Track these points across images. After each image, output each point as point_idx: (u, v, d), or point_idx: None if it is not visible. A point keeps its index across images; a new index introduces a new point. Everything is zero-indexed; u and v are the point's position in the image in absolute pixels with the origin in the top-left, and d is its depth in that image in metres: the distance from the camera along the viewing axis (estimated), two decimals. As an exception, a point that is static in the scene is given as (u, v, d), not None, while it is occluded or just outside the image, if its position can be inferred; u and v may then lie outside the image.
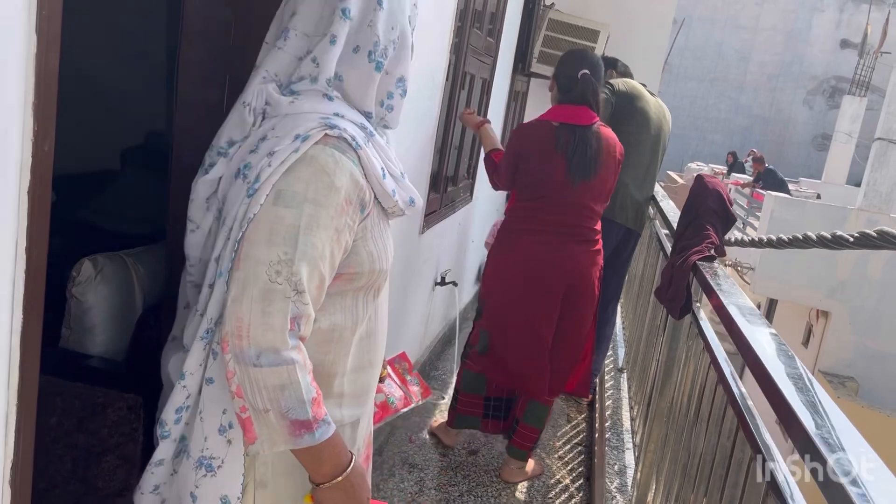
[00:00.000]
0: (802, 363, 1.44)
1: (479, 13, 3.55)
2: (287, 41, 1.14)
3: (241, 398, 1.05)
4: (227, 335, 1.04)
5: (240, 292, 1.04)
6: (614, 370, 3.83)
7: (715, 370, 1.62)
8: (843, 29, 28.13)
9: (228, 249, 1.09)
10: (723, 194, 2.13)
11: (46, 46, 0.88)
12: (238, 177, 1.11)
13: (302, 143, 1.06)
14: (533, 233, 2.73)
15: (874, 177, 9.50)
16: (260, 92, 1.14)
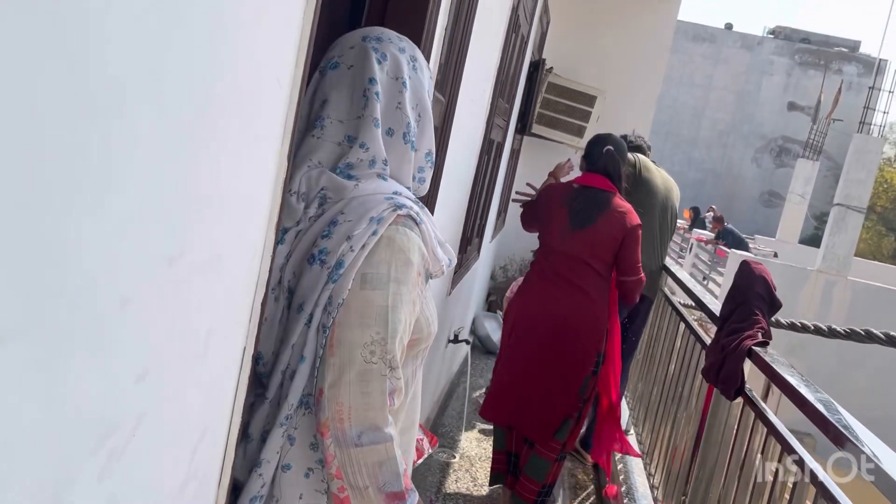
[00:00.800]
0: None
1: (503, 82, 3.68)
2: (324, 130, 1.15)
3: (340, 479, 1.08)
4: (327, 421, 1.06)
5: (337, 377, 1.06)
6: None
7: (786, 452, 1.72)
8: (791, 92, 29.53)
9: (311, 336, 1.09)
10: (768, 280, 2.25)
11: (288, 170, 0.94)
12: (314, 263, 1.10)
13: (378, 226, 1.09)
14: (535, 281, 3.02)
15: (833, 240, 9.93)
16: (310, 178, 1.13)
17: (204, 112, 0.69)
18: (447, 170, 2.30)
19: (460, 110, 2.33)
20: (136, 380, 0.68)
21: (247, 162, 0.83)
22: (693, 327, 2.97)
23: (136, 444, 0.70)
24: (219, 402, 0.92)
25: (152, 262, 0.66)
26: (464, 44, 2.14)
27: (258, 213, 0.89)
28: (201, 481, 0.90)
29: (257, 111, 0.82)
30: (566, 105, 5.57)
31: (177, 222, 0.69)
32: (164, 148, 0.64)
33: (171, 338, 0.74)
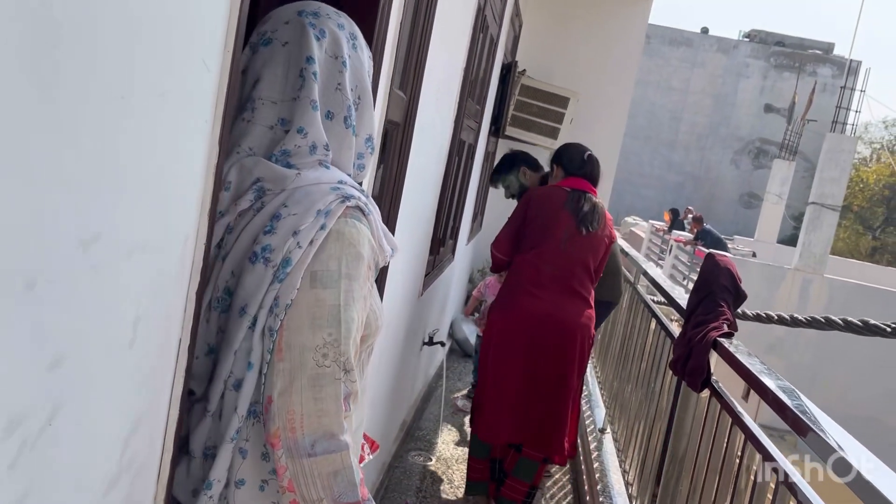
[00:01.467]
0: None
1: (472, 82, 3.68)
2: (255, 112, 1.06)
3: (292, 492, 1.01)
4: (277, 431, 0.99)
5: (287, 384, 0.99)
6: (595, 430, 3.91)
7: (753, 445, 1.72)
8: (767, 94, 29.90)
9: (256, 341, 1.01)
10: (733, 272, 2.26)
11: (220, 156, 0.92)
12: (256, 261, 1.01)
13: (326, 219, 1.02)
14: (528, 289, 2.89)
15: (809, 238, 10.04)
16: (242, 167, 1.04)
17: (119, 92, 0.68)
18: (412, 168, 2.29)
19: (424, 108, 2.32)
20: (49, 367, 0.66)
21: (172, 147, 0.81)
22: (663, 322, 2.98)
23: (53, 433, 0.68)
24: (153, 393, 0.89)
25: (62, 246, 0.64)
26: (424, 40, 2.13)
27: (188, 201, 0.88)
28: (136, 474, 0.88)
29: (182, 94, 0.81)
30: (539, 107, 5.59)
31: (91, 206, 0.67)
32: (73, 129, 0.62)
33: (91, 325, 0.72)
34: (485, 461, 3.02)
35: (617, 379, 3.95)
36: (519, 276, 2.94)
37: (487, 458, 3.03)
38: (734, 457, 1.92)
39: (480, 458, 3.03)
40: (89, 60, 0.62)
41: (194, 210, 0.89)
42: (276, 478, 1.03)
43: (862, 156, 29.85)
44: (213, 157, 0.90)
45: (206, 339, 1.05)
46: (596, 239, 2.95)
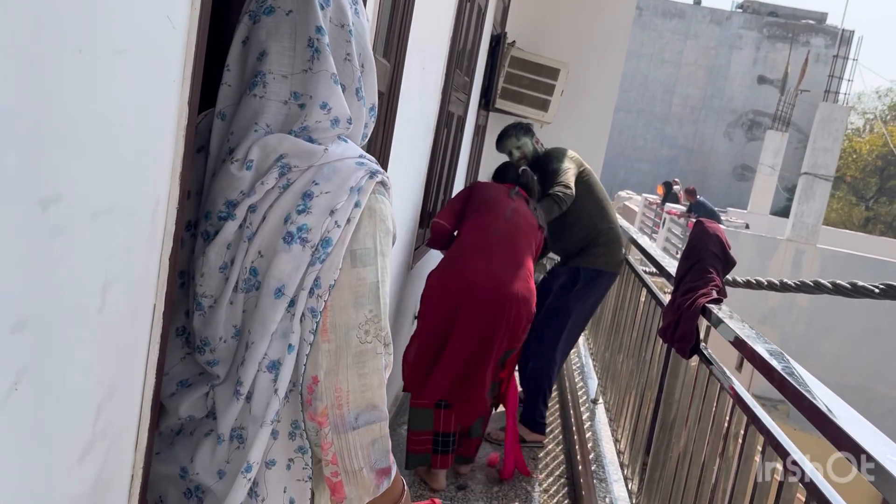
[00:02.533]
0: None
1: (459, 53, 3.64)
2: (267, 87, 1.01)
3: (335, 465, 1.03)
4: (325, 409, 1.01)
5: (333, 363, 1.01)
6: (588, 401, 3.93)
7: (742, 410, 1.72)
8: (760, 66, 29.77)
9: (295, 322, 1.00)
10: (722, 239, 2.25)
11: (190, 116, 0.90)
12: (292, 242, 0.99)
13: (359, 196, 1.02)
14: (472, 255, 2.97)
15: (801, 209, 10.04)
16: (266, 144, 0.99)
17: (76, 46, 0.65)
18: (398, 139, 2.26)
19: (409, 77, 2.29)
20: (11, 330, 0.65)
21: (137, 107, 0.79)
22: (653, 290, 2.98)
23: (19, 398, 0.67)
24: (127, 360, 0.88)
25: (19, 204, 0.62)
26: (408, 6, 2.10)
27: (157, 163, 0.86)
28: (112, 441, 0.87)
29: (146, 51, 0.78)
30: (530, 79, 5.54)
31: (49, 165, 0.65)
32: (27, 80, 0.60)
33: (56, 288, 0.70)
34: (427, 433, 3.02)
35: (609, 350, 3.96)
36: (463, 243, 3.03)
37: (431, 431, 3.02)
38: (723, 423, 1.92)
39: (423, 431, 3.02)
40: (46, 10, 0.60)
41: (165, 173, 0.87)
42: (301, 455, 1.04)
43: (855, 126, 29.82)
44: (184, 119, 0.88)
45: (233, 321, 1.02)
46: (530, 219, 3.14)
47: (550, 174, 3.54)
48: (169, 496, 1.06)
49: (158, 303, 0.92)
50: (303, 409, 1.03)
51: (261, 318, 1.00)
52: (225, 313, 1.02)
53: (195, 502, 1.04)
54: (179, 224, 0.93)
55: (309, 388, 1.02)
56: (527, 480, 3.33)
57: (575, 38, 6.02)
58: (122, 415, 0.89)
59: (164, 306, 0.93)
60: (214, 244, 1.00)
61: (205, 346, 1.03)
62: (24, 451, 0.70)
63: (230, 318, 1.02)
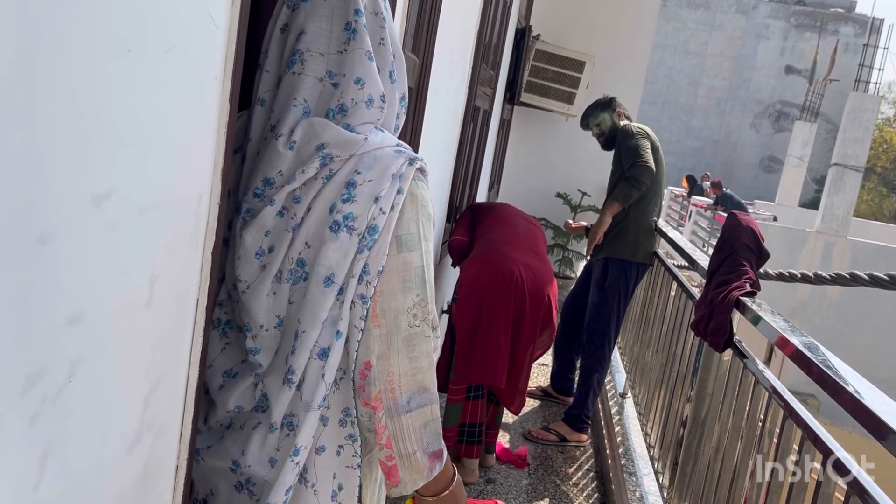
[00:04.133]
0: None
1: (485, 47, 3.63)
2: (305, 64, 1.02)
3: (389, 448, 1.06)
4: (378, 394, 1.03)
5: (385, 348, 1.03)
6: (616, 395, 3.91)
7: (778, 402, 1.70)
8: (788, 56, 29.30)
9: (344, 309, 1.02)
10: (756, 231, 2.23)
11: (231, 113, 0.91)
12: (339, 230, 1.01)
13: (401, 183, 1.04)
14: (504, 245, 2.97)
15: (831, 201, 9.89)
16: (309, 128, 1.01)
17: (126, 46, 0.67)
18: (426, 132, 2.27)
19: (437, 72, 2.30)
20: (67, 323, 0.66)
21: (182, 104, 0.80)
22: (684, 284, 2.95)
23: (74, 389, 0.69)
24: (172, 353, 0.90)
25: (74, 201, 0.64)
26: (436, 2, 2.10)
27: (200, 159, 0.87)
28: (158, 433, 0.88)
29: (191, 50, 0.79)
30: (555, 72, 5.51)
31: (101, 162, 0.67)
32: (79, 81, 0.61)
33: (108, 282, 0.72)
34: (454, 428, 3.02)
35: (637, 344, 3.94)
36: (489, 240, 3.01)
37: (458, 425, 3.02)
38: (757, 418, 1.91)
39: (451, 427, 3.01)
40: (96, 11, 0.61)
41: (207, 168, 0.89)
42: (351, 442, 1.07)
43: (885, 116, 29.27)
44: (225, 115, 0.89)
45: (276, 311, 1.04)
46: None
47: (628, 150, 3.43)
48: (220, 490, 1.08)
49: (201, 297, 0.94)
50: (355, 395, 1.05)
51: (311, 308, 1.02)
52: (266, 302, 1.03)
53: (246, 495, 1.06)
54: (221, 220, 0.94)
55: (361, 373, 1.04)
56: (556, 474, 3.33)
57: (600, 30, 5.99)
58: (167, 407, 0.91)
59: (206, 300, 0.94)
60: (251, 228, 1.02)
61: (247, 331, 1.05)
62: (77, 441, 0.72)
63: (272, 308, 1.04)
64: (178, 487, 0.97)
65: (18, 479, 0.64)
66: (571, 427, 3.63)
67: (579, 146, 5.79)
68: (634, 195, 3.39)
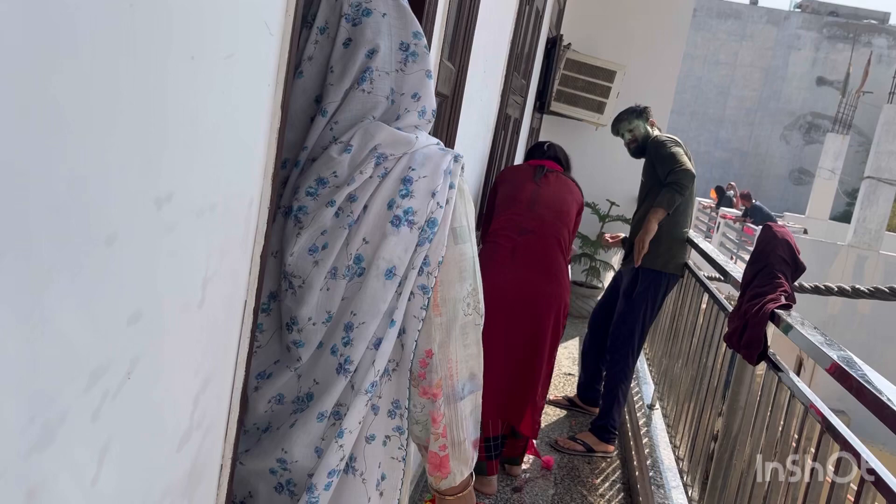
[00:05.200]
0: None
1: (518, 56, 3.64)
2: (374, 83, 1.07)
3: (444, 437, 1.11)
4: (440, 381, 1.09)
5: (445, 336, 1.09)
6: (644, 406, 3.88)
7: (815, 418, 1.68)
8: (820, 67, 28.90)
9: (403, 300, 1.05)
10: (791, 243, 2.21)
11: (282, 120, 0.93)
12: (400, 225, 1.05)
13: (451, 178, 1.10)
14: (505, 257, 2.88)
15: (864, 214, 9.73)
16: (366, 131, 1.05)
17: (189, 53, 0.68)
18: (460, 138, 2.28)
19: (472, 80, 2.31)
20: (128, 321, 0.68)
21: (238, 110, 0.82)
22: (716, 296, 2.93)
23: (132, 386, 0.71)
24: (221, 353, 0.91)
25: (139, 203, 0.66)
26: (473, 10, 2.12)
27: (252, 164, 0.89)
28: (206, 431, 0.90)
29: (247, 57, 0.81)
30: (585, 81, 5.51)
31: (164, 165, 0.69)
32: (148, 88, 0.63)
33: (166, 283, 0.74)
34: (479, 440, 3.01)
35: (666, 356, 3.91)
36: (494, 245, 2.92)
37: (483, 437, 3.00)
38: (791, 433, 1.88)
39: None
40: (164, 20, 0.63)
41: (258, 173, 0.91)
42: (399, 434, 1.11)
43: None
44: (276, 122, 0.91)
45: (327, 306, 1.07)
46: (560, 199, 2.99)
47: (663, 159, 3.42)
48: (259, 491, 1.10)
49: (249, 298, 0.96)
50: (411, 385, 1.09)
51: (370, 300, 1.05)
52: (318, 297, 1.06)
53: (287, 496, 1.07)
54: (270, 224, 0.96)
55: (422, 361, 1.09)
56: (583, 484, 3.31)
57: (631, 39, 5.97)
58: (214, 406, 0.93)
59: (254, 302, 0.96)
60: (309, 228, 1.05)
61: (293, 324, 1.07)
62: (134, 437, 0.74)
63: (324, 304, 1.06)
64: (222, 486, 0.99)
65: (79, 473, 0.66)
66: (598, 437, 3.61)
67: (608, 156, 5.77)
68: (678, 200, 3.36)
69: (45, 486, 0.61)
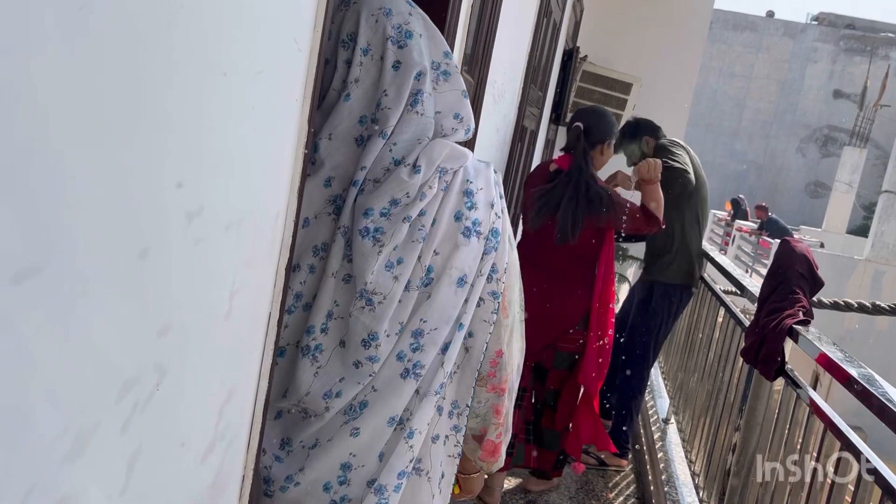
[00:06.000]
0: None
1: (535, 68, 3.65)
2: (424, 104, 1.10)
3: (502, 426, 1.21)
4: (507, 377, 1.19)
5: (510, 336, 1.19)
6: (659, 421, 3.86)
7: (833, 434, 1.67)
8: (836, 80, 28.73)
9: (470, 305, 1.12)
10: (809, 258, 2.20)
11: (309, 135, 0.94)
12: (470, 236, 1.10)
13: (498, 188, 1.17)
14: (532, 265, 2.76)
15: (881, 228, 9.65)
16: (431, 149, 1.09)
17: (222, 69, 0.70)
18: (478, 151, 2.29)
19: (490, 92, 2.32)
20: (158, 333, 0.69)
21: (266, 124, 0.83)
22: (733, 310, 2.91)
23: (160, 398, 0.71)
24: (245, 365, 0.92)
25: (171, 217, 0.67)
26: (492, 24, 2.13)
27: (279, 177, 0.90)
28: (229, 443, 0.91)
29: (277, 73, 0.82)
30: (601, 93, 5.51)
31: (196, 179, 0.70)
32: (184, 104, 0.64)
33: (194, 295, 0.75)
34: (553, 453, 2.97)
35: (682, 370, 3.89)
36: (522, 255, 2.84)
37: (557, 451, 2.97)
38: (811, 450, 1.87)
39: (550, 450, 2.97)
40: (200, 37, 0.64)
41: (285, 187, 0.92)
42: (455, 433, 1.18)
43: (938, 143, 28.48)
44: (303, 136, 0.92)
45: (400, 318, 1.10)
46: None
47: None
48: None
49: (273, 311, 0.96)
50: (478, 384, 1.17)
51: (442, 307, 1.10)
52: (393, 310, 1.09)
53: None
54: (295, 237, 0.97)
55: (492, 361, 1.18)
56: (597, 498, 3.29)
57: (648, 52, 5.96)
58: (238, 417, 0.93)
59: (278, 314, 0.97)
60: (388, 246, 1.07)
61: (371, 340, 1.08)
62: (161, 448, 0.75)
63: (397, 316, 1.10)
64: (243, 498, 0.99)
65: (108, 483, 0.66)
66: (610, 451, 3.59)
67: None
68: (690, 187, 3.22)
69: (76, 496, 0.61)
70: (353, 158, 1.09)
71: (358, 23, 1.09)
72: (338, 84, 1.10)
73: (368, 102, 1.09)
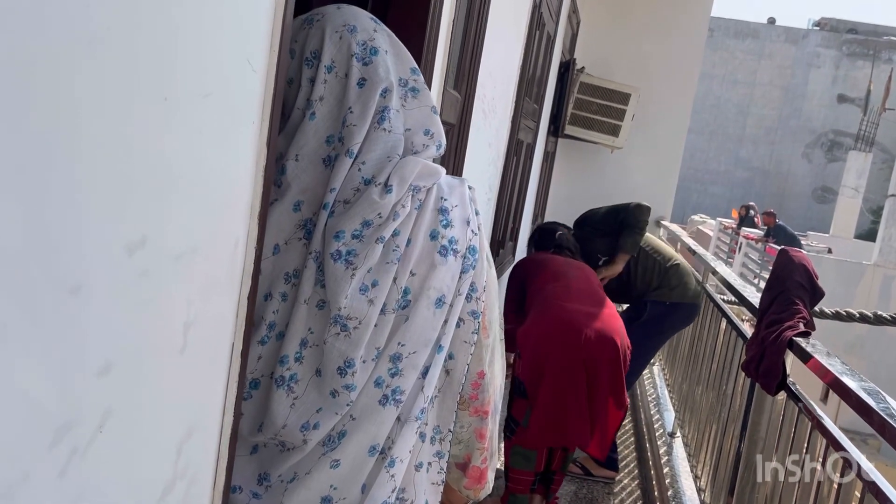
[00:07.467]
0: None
1: (529, 81, 3.63)
2: (391, 122, 1.06)
3: (487, 451, 1.19)
4: (489, 398, 1.16)
5: (492, 356, 1.16)
6: (664, 434, 3.79)
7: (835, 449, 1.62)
8: (840, 84, 28.68)
9: (450, 326, 1.09)
10: (809, 268, 2.15)
11: (268, 157, 0.91)
12: (447, 254, 1.07)
13: (474, 205, 1.14)
14: (559, 304, 2.79)
15: (889, 232, 9.58)
16: (402, 167, 1.05)
17: (162, 94, 0.66)
18: (468, 167, 2.26)
19: (479, 107, 2.29)
20: (98, 373, 0.66)
21: (219, 149, 0.80)
22: (734, 321, 2.86)
23: (104, 440, 0.68)
24: (206, 400, 0.89)
25: (107, 250, 0.63)
26: (479, 38, 2.10)
27: (237, 204, 0.87)
28: (191, 481, 0.87)
29: (228, 96, 0.79)
30: (600, 105, 5.49)
31: (136, 210, 0.66)
32: (114, 131, 0.61)
33: (140, 330, 0.71)
34: (530, 474, 2.90)
35: (686, 382, 3.83)
36: (546, 296, 2.82)
37: (533, 472, 2.90)
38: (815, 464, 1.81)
39: (526, 471, 2.89)
40: (130, 61, 0.61)
41: (244, 213, 0.88)
42: (438, 459, 1.14)
43: (946, 145, 28.35)
44: (262, 160, 0.89)
45: (376, 343, 1.06)
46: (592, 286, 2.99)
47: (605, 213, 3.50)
48: None
49: (237, 342, 0.93)
50: (458, 408, 1.14)
51: (420, 330, 1.07)
52: (369, 335, 1.05)
53: None
54: (258, 264, 0.93)
55: (474, 383, 1.15)
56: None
57: (646, 62, 5.94)
58: (200, 454, 0.90)
59: (241, 345, 0.93)
60: (361, 270, 1.03)
61: (348, 367, 1.04)
62: (108, 492, 0.71)
63: (373, 340, 1.06)
64: (210, 534, 0.95)
65: (46, 533, 0.63)
66: (597, 462, 3.52)
67: (624, 179, 5.73)
68: (640, 238, 3.35)
69: (6, 550, 0.58)
70: (322, 180, 1.06)
71: (322, 40, 1.05)
72: (302, 103, 1.06)
73: (334, 121, 1.06)
